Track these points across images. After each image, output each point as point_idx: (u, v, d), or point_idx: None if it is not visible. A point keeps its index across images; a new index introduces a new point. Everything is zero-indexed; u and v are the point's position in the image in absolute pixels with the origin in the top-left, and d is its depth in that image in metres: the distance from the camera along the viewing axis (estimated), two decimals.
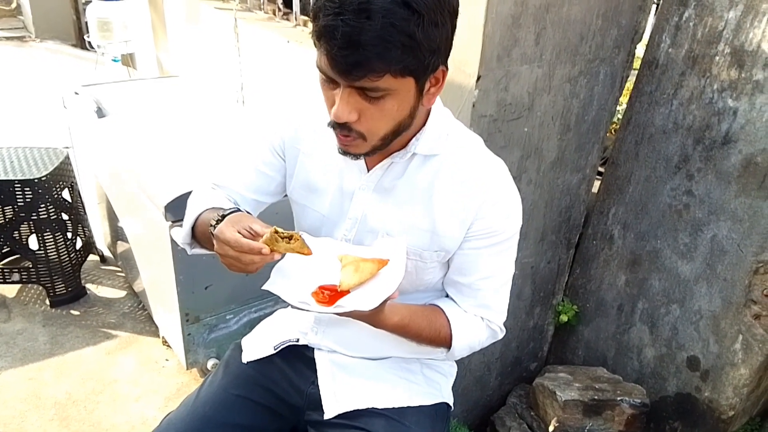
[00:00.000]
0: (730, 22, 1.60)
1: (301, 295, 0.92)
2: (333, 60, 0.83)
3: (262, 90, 2.60)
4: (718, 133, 1.67)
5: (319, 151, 1.12)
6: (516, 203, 1.06)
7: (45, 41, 3.86)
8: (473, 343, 1.12)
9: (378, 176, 1.07)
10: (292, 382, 1.23)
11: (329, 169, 1.11)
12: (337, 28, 0.80)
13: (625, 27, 1.65)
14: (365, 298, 0.91)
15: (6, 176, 2.33)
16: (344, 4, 0.80)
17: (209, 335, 2.05)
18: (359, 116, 0.89)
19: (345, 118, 0.89)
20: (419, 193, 1.05)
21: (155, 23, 3.82)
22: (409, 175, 1.05)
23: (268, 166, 1.17)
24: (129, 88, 2.86)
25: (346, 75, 0.84)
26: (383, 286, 0.92)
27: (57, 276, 2.53)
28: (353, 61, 0.82)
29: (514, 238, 1.09)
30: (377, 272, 0.95)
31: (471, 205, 1.03)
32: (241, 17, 2.60)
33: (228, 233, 0.91)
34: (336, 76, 0.86)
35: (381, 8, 0.79)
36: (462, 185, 1.03)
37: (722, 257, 1.72)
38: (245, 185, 1.18)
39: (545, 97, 1.60)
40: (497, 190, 1.04)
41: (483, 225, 1.04)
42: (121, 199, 2.34)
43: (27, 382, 2.20)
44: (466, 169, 1.04)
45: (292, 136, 1.14)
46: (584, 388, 1.91)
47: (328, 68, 0.86)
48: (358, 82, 0.85)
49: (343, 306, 0.89)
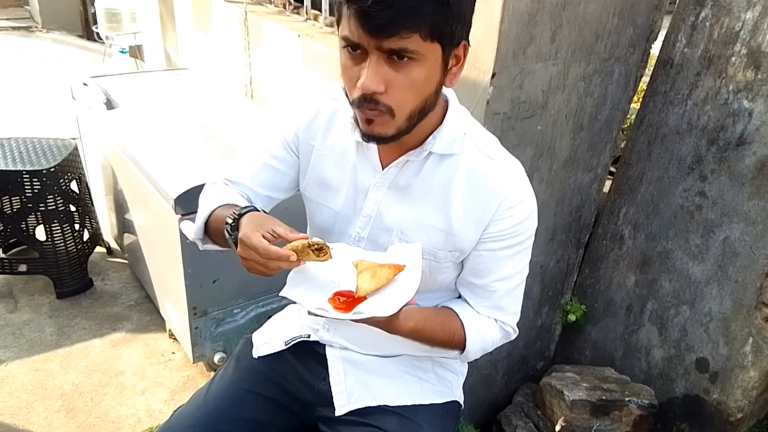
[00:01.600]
0: (747, 22, 1.58)
1: (319, 302, 0.91)
2: (365, 17, 0.82)
3: (271, 84, 2.59)
4: (732, 134, 1.65)
5: (332, 147, 1.11)
6: (532, 206, 1.06)
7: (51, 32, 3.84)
8: (487, 344, 1.12)
9: (393, 174, 1.06)
10: (303, 379, 1.22)
11: (343, 165, 1.10)
12: None
13: (641, 26, 1.64)
14: (384, 304, 0.90)
15: (14, 167, 2.33)
16: None
17: (216, 329, 2.05)
18: (387, 88, 0.88)
19: (374, 87, 0.87)
20: (435, 193, 1.04)
21: (164, 15, 3.81)
22: (425, 174, 1.04)
23: (281, 162, 1.16)
24: (138, 80, 2.86)
25: (377, 33, 0.83)
26: (401, 291, 0.92)
27: (64, 267, 2.53)
28: (387, 17, 0.82)
29: (529, 240, 1.08)
30: (393, 278, 0.94)
31: (487, 208, 1.02)
32: (251, 10, 2.59)
33: (254, 239, 0.91)
34: (366, 35, 0.84)
35: None
36: (479, 187, 1.02)
37: (734, 259, 1.71)
38: (258, 181, 1.17)
39: (559, 95, 1.59)
40: (514, 193, 1.02)
41: (499, 227, 1.03)
42: (130, 191, 2.34)
43: (34, 373, 2.20)
44: (483, 170, 1.03)
45: (306, 131, 1.13)
46: (592, 388, 1.90)
47: (357, 29, 0.84)
48: (389, 41, 0.84)
49: (362, 312, 0.89)
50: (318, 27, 2.33)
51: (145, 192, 2.06)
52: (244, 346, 1.30)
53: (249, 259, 0.93)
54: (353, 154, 1.09)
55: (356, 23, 0.84)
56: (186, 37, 3.43)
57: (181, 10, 3.38)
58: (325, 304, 0.91)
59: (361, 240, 1.10)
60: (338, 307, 0.91)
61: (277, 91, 2.55)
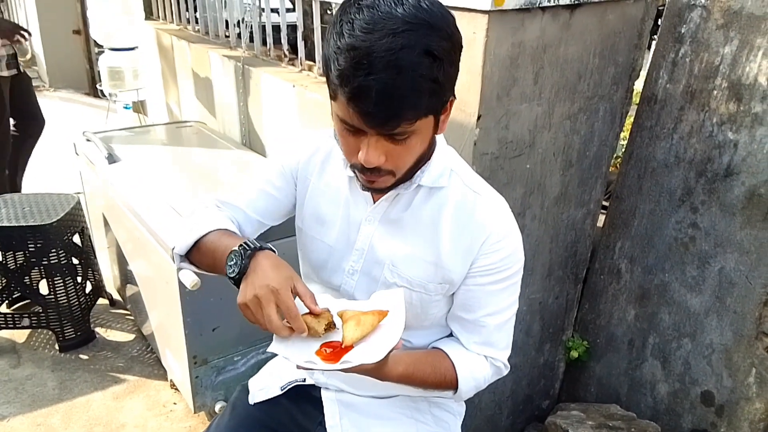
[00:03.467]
0: (726, 56, 1.63)
1: (307, 355, 0.92)
2: (368, 116, 0.85)
3: (268, 133, 2.65)
4: (720, 165, 1.68)
5: (328, 184, 1.15)
6: (517, 242, 1.08)
7: (59, 90, 3.97)
8: (479, 382, 1.12)
9: (384, 208, 1.08)
10: (300, 424, 1.22)
11: (337, 200, 1.13)
12: (371, 88, 0.82)
13: (623, 65, 1.68)
14: (370, 352, 0.91)
15: (18, 222, 2.37)
16: (373, 64, 0.81)
17: (217, 377, 2.04)
18: (387, 157, 0.92)
19: (376, 162, 0.91)
20: (424, 226, 1.07)
21: (165, 71, 3.92)
22: (415, 208, 1.07)
23: (278, 190, 1.18)
24: (139, 134, 2.93)
25: (381, 127, 0.87)
26: (386, 337, 0.93)
27: (66, 320, 2.54)
28: (389, 115, 0.85)
29: (517, 275, 1.10)
30: (378, 324, 0.95)
31: (474, 240, 1.04)
32: (248, 63, 2.67)
33: (290, 301, 0.91)
34: (370, 129, 0.88)
35: (409, 62, 0.81)
36: (466, 220, 1.05)
37: (731, 289, 1.71)
38: (253, 207, 1.19)
39: (546, 134, 1.62)
40: (499, 227, 1.05)
41: (487, 261, 1.05)
42: (131, 243, 2.37)
43: (35, 428, 2.18)
44: (470, 204, 1.06)
45: (305, 165, 1.17)
46: (598, 426, 1.87)
47: (357, 120, 0.87)
48: (389, 130, 0.88)
49: (349, 361, 0.89)
50: (312, 77, 2.40)
51: (145, 243, 2.09)
52: (240, 393, 1.30)
53: (263, 306, 0.90)
54: (346, 189, 1.12)
55: (356, 115, 0.86)
56: (187, 91, 3.52)
57: (182, 66, 3.48)
58: (313, 357, 0.92)
59: (354, 273, 1.12)
60: (326, 358, 0.91)
61: (274, 140, 2.61)
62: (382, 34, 0.81)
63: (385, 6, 0.83)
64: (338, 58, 0.84)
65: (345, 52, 0.83)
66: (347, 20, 0.84)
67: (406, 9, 0.83)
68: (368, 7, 0.83)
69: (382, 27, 0.81)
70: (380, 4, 0.83)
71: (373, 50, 0.81)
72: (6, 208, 2.48)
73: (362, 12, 0.83)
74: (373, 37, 0.81)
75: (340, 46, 0.83)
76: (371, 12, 0.83)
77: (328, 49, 0.87)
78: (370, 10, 0.83)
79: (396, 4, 0.83)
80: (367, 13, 0.83)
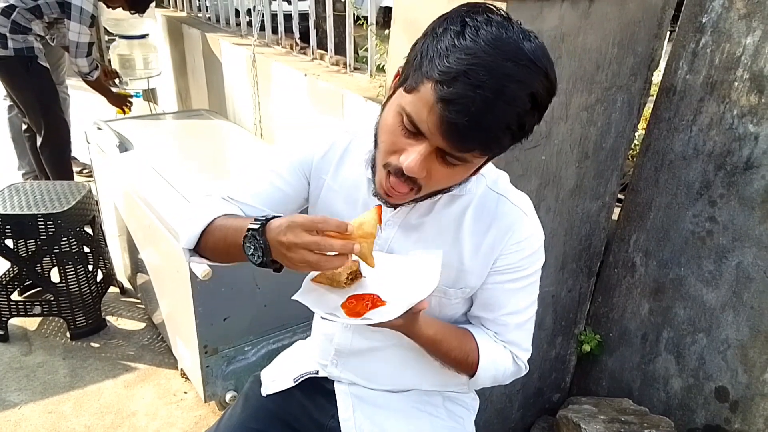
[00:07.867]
0: (748, 47, 1.59)
1: (331, 307, 0.89)
2: (450, 129, 0.80)
3: (279, 122, 2.64)
4: (739, 158, 1.65)
5: (342, 183, 1.10)
6: (540, 241, 1.06)
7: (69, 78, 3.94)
8: (498, 373, 1.11)
9: (405, 212, 1.05)
10: (312, 417, 1.21)
11: (353, 201, 1.09)
12: (473, 100, 0.77)
13: (641, 55, 1.65)
14: (389, 311, 0.89)
15: (29, 210, 2.37)
16: (486, 80, 0.76)
17: (228, 367, 2.04)
18: (427, 173, 0.87)
19: (417, 173, 0.86)
20: (447, 231, 1.05)
21: (176, 59, 3.90)
22: (437, 213, 1.04)
23: (289, 185, 1.12)
24: (150, 123, 2.92)
25: (453, 144, 0.81)
26: (411, 295, 0.91)
27: (78, 308, 2.55)
28: (472, 137, 0.80)
29: (536, 274, 1.09)
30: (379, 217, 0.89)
31: (496, 242, 1.03)
32: (259, 52, 2.66)
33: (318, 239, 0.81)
34: (440, 137, 0.81)
35: (514, 94, 0.78)
36: (489, 222, 1.03)
37: (748, 284, 1.68)
38: (261, 200, 1.11)
39: (562, 125, 1.60)
40: (523, 227, 1.03)
41: (507, 261, 1.04)
42: (142, 232, 2.37)
43: (47, 415, 2.20)
44: (493, 207, 1.04)
45: (320, 163, 1.12)
46: (610, 421, 1.86)
47: (435, 128, 0.81)
48: (458, 152, 0.83)
49: (370, 318, 0.87)
50: (324, 66, 2.38)
51: (156, 232, 2.08)
52: (253, 384, 1.29)
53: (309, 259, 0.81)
54: (364, 191, 1.07)
55: (437, 124, 0.80)
56: (197, 80, 3.51)
57: (192, 54, 3.46)
58: (338, 310, 0.90)
59: None
60: (351, 312, 0.89)
61: (286, 129, 2.59)
62: (506, 57, 0.77)
63: (513, 34, 0.79)
64: (450, 55, 0.78)
65: (462, 53, 0.77)
66: (473, 25, 0.79)
67: (533, 48, 0.80)
68: (498, 24, 0.79)
69: (508, 51, 0.78)
70: (509, 28, 0.80)
71: (494, 67, 0.77)
72: (18, 196, 2.49)
73: (491, 26, 0.79)
74: (497, 55, 0.77)
75: (457, 45, 0.78)
76: (500, 31, 0.79)
77: (434, 41, 0.81)
78: (498, 29, 0.79)
79: (524, 37, 0.80)
80: (495, 29, 0.79)
